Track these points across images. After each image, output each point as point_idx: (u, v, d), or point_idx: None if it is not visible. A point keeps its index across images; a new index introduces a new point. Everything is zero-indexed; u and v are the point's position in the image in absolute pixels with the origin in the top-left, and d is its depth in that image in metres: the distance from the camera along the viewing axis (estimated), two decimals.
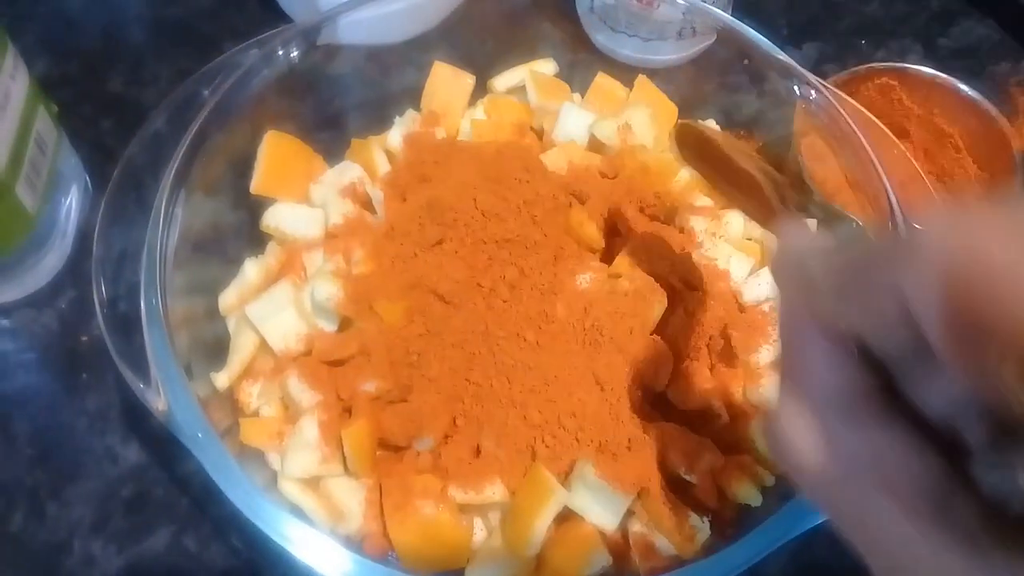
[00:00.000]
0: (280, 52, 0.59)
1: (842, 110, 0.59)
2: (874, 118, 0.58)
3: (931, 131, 0.70)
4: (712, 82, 0.70)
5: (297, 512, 0.49)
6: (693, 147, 0.51)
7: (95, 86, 0.77)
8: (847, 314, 0.27)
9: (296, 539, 0.44)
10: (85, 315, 0.66)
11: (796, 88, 0.60)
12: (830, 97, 0.59)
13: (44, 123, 0.63)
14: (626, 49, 0.73)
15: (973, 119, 0.68)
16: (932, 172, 0.69)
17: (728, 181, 0.48)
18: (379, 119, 0.68)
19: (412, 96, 0.68)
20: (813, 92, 0.59)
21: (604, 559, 0.47)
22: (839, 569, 0.58)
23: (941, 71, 0.69)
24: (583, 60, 0.74)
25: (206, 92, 0.57)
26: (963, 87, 0.68)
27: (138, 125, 0.74)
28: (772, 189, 0.45)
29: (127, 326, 0.51)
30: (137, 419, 0.62)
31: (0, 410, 0.62)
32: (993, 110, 0.67)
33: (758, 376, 0.54)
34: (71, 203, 0.67)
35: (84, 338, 0.65)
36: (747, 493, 0.50)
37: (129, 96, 0.77)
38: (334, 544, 0.43)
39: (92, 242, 0.67)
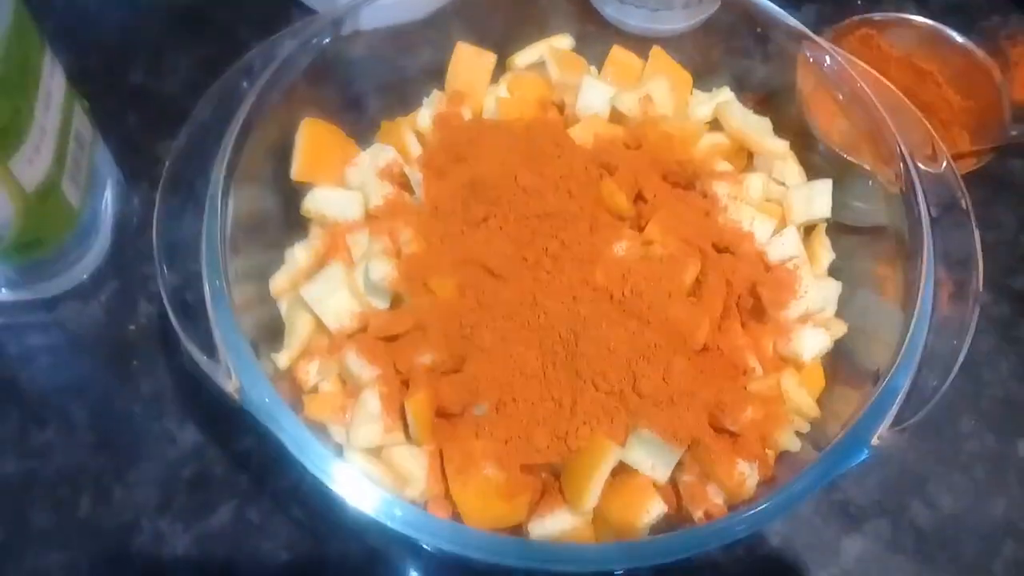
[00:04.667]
0: (314, 41, 0.61)
1: (853, 72, 0.61)
2: (885, 80, 0.61)
3: (910, 70, 0.74)
4: (720, 47, 0.72)
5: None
6: None
7: (117, 79, 0.79)
8: None
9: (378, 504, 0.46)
10: (129, 304, 0.68)
11: (808, 53, 0.63)
12: (840, 59, 0.62)
13: (81, 120, 0.65)
14: (634, 20, 0.75)
15: (951, 54, 0.73)
16: (915, 107, 0.72)
17: None
18: (400, 99, 0.70)
19: (431, 75, 0.70)
20: (827, 57, 0.62)
21: (660, 507, 0.50)
22: (867, 505, 0.62)
23: None
24: (592, 32, 0.76)
25: (245, 84, 0.59)
26: (937, 25, 0.73)
27: (163, 116, 0.77)
28: None
29: (187, 314, 0.54)
30: (190, 402, 0.64)
31: (58, 401, 0.64)
32: (969, 43, 0.72)
33: (788, 330, 0.57)
34: (107, 196, 0.69)
35: (131, 326, 0.67)
36: (787, 440, 0.54)
37: (151, 87, 0.78)
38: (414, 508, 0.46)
39: (129, 233, 0.70)
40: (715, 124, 0.66)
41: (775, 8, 0.65)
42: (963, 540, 0.62)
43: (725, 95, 0.68)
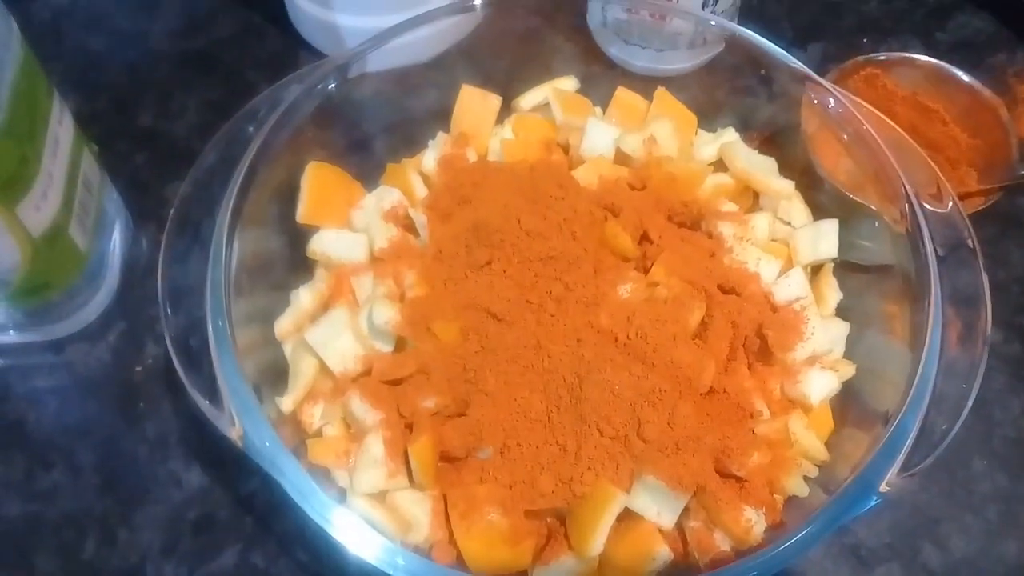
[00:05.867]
0: (319, 87, 0.61)
1: (856, 112, 0.62)
2: (889, 120, 0.61)
3: (916, 109, 0.74)
4: (725, 88, 0.72)
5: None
6: None
7: (126, 121, 0.79)
8: None
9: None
10: (136, 347, 0.68)
11: (812, 94, 0.63)
12: (844, 100, 0.62)
13: (89, 164, 0.65)
14: (640, 60, 0.76)
15: (957, 93, 0.73)
16: (921, 146, 0.71)
17: None
18: (406, 141, 0.70)
19: (437, 117, 0.71)
20: (831, 99, 0.62)
21: (666, 555, 0.50)
22: (878, 548, 0.61)
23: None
24: (597, 73, 0.77)
25: (250, 129, 0.60)
26: (942, 64, 0.73)
27: (171, 158, 0.77)
28: None
29: (191, 358, 0.54)
30: (196, 444, 0.64)
31: (64, 442, 0.64)
32: (975, 82, 0.72)
33: (795, 372, 0.57)
34: (115, 238, 0.70)
35: (138, 368, 0.68)
36: (794, 485, 0.53)
37: (160, 129, 0.79)
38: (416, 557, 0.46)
39: (137, 275, 0.71)
40: (720, 164, 0.66)
41: (778, 49, 0.65)
42: None
43: (730, 135, 0.68)
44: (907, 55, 0.73)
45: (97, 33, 0.86)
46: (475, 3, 0.67)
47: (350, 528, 0.47)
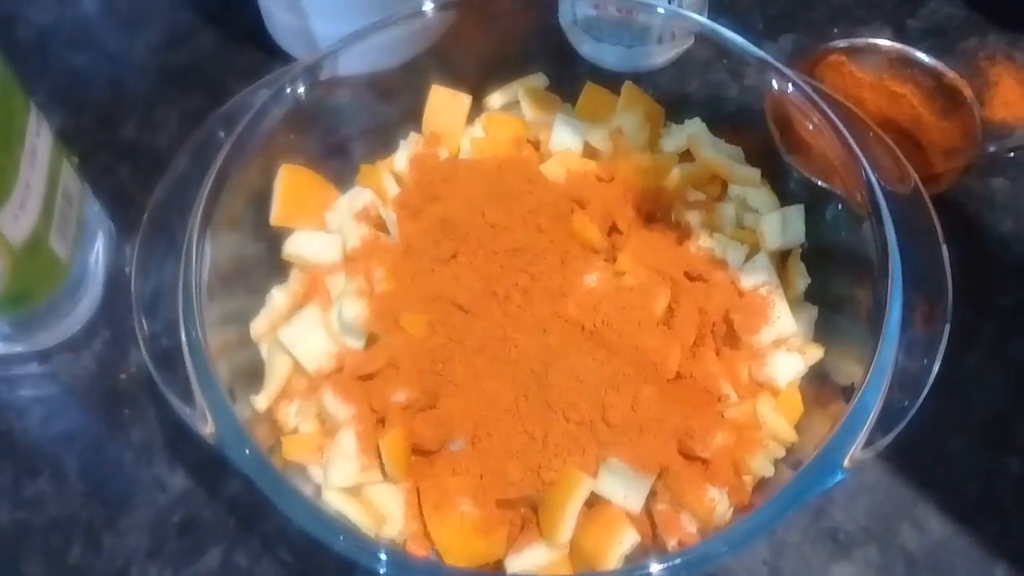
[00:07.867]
0: (288, 90, 0.62)
1: (819, 99, 0.62)
2: (852, 106, 0.62)
3: (884, 94, 0.74)
4: (694, 81, 0.73)
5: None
6: None
7: (109, 135, 0.80)
8: None
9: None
10: (121, 354, 0.69)
11: (774, 82, 0.63)
12: (806, 88, 0.63)
13: (68, 175, 0.66)
14: (611, 57, 0.77)
15: (921, 76, 0.73)
16: (890, 130, 0.70)
17: None
18: (382, 143, 0.71)
19: (411, 118, 0.71)
20: (790, 85, 0.62)
21: (633, 537, 0.50)
22: (855, 531, 0.62)
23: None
24: (570, 71, 0.77)
25: (222, 134, 0.61)
26: (905, 48, 0.74)
27: (154, 169, 0.78)
28: None
29: (168, 360, 0.55)
30: (180, 448, 0.65)
31: (50, 451, 0.65)
32: (939, 64, 0.73)
33: (761, 356, 0.57)
34: (98, 249, 0.71)
35: (123, 375, 0.68)
36: (760, 465, 0.54)
37: (143, 142, 0.80)
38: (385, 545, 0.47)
39: (121, 285, 0.72)
40: (688, 155, 0.67)
41: (743, 41, 0.66)
42: (955, 564, 0.61)
43: (696, 126, 0.68)
44: (871, 41, 0.74)
45: (81, 50, 0.87)
46: (428, 9, 0.67)
47: (324, 525, 0.48)
